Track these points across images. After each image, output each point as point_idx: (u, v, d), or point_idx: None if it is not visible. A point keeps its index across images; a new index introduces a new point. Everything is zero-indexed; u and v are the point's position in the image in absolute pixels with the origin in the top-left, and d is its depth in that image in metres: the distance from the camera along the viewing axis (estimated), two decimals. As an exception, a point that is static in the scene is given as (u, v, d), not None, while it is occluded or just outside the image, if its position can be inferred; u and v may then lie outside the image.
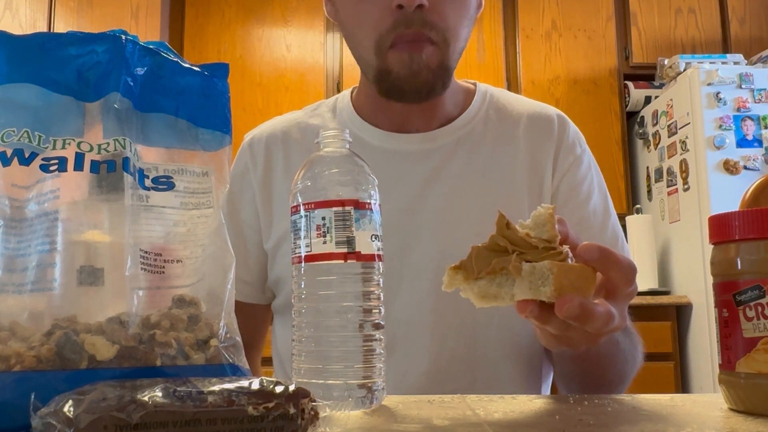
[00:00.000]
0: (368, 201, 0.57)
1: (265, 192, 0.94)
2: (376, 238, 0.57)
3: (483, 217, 0.86)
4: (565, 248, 0.54)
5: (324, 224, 0.56)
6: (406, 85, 0.85)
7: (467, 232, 0.88)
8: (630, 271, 0.56)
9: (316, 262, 0.56)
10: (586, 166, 0.96)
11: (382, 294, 0.58)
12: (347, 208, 0.56)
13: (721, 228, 0.56)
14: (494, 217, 0.74)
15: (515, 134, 0.94)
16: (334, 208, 0.56)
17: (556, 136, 0.95)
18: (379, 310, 0.58)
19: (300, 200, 0.57)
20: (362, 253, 0.56)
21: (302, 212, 0.57)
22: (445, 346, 0.86)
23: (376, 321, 0.57)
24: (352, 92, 1.02)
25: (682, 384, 2.82)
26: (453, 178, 0.91)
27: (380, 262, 0.58)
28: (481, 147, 0.93)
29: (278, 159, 0.95)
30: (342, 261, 0.56)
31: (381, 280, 0.58)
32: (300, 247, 0.57)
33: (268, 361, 0.99)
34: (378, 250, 0.58)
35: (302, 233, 0.57)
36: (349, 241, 0.56)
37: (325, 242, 0.56)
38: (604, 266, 0.54)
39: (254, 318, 0.98)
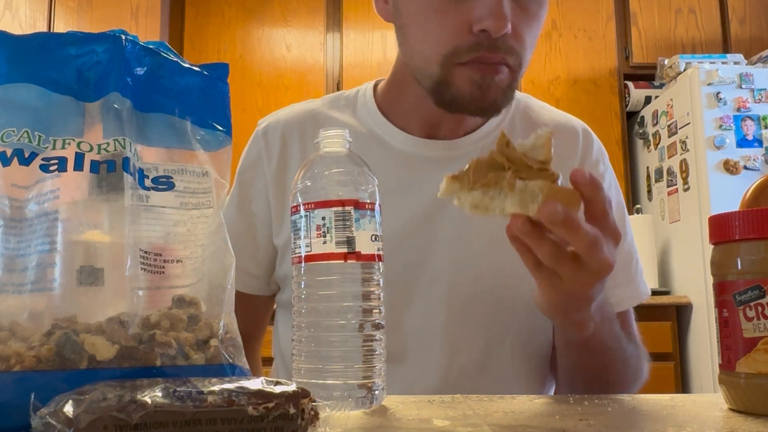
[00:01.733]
0: (368, 201, 0.57)
1: (278, 185, 0.91)
2: (376, 239, 0.57)
3: (500, 231, 0.84)
4: (557, 172, 0.58)
5: (324, 224, 0.56)
6: (470, 102, 0.82)
7: (484, 246, 0.86)
8: (607, 207, 0.61)
9: (316, 262, 0.56)
10: (607, 185, 0.93)
11: (382, 294, 0.58)
12: (347, 208, 0.56)
13: (721, 228, 0.56)
14: None
15: None
16: (334, 208, 0.56)
17: (580, 151, 0.94)
18: (380, 310, 0.58)
19: (300, 200, 0.57)
20: (362, 253, 0.56)
21: (302, 212, 0.57)
22: (456, 360, 0.85)
23: (377, 321, 0.57)
24: (375, 86, 0.97)
25: (682, 384, 2.82)
26: None
27: (380, 263, 0.58)
28: None
29: (294, 151, 0.92)
30: (342, 261, 0.56)
31: (381, 280, 0.58)
32: (300, 247, 0.57)
33: (267, 362, 0.99)
34: (378, 250, 0.58)
35: (302, 233, 0.57)
36: (349, 241, 0.56)
37: (325, 242, 0.56)
38: (589, 191, 0.59)
39: (256, 309, 0.97)
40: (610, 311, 0.79)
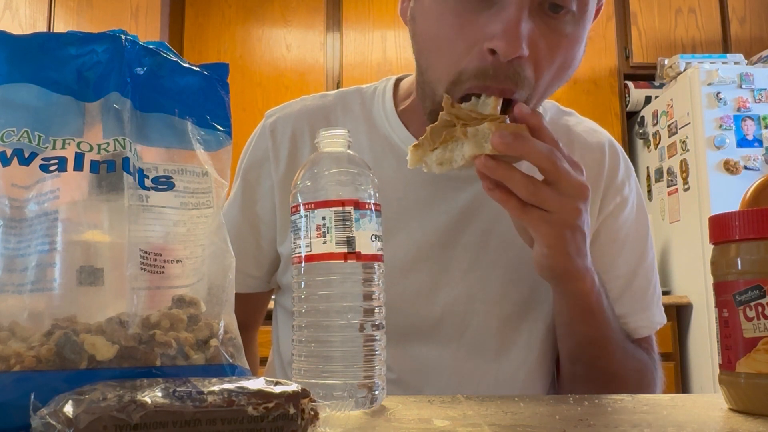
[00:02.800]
0: (368, 201, 0.57)
1: (286, 190, 0.82)
2: (376, 239, 0.57)
3: (518, 262, 0.82)
4: (502, 116, 0.65)
5: (324, 224, 0.56)
6: None
7: (501, 277, 0.83)
8: (554, 137, 0.66)
9: (316, 262, 0.56)
10: (630, 208, 0.90)
11: (382, 295, 0.58)
12: (347, 208, 0.56)
13: (721, 228, 0.56)
14: (531, 262, 0.75)
15: None
16: (334, 208, 0.56)
17: (606, 172, 0.88)
18: (380, 310, 0.58)
19: (300, 200, 0.57)
20: (362, 253, 0.56)
21: (302, 212, 0.57)
22: (465, 392, 0.83)
23: (377, 321, 0.57)
24: (395, 83, 0.89)
25: (682, 384, 2.82)
26: (493, 212, 0.82)
27: (381, 263, 0.58)
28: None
29: (304, 154, 0.86)
30: (342, 261, 0.55)
31: (382, 280, 0.58)
32: (300, 247, 0.57)
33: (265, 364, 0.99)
34: (378, 250, 0.58)
35: (302, 233, 0.57)
36: (349, 241, 0.56)
37: (324, 242, 0.55)
38: (533, 120, 0.64)
39: (255, 303, 0.95)
40: (601, 282, 0.79)
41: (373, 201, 0.58)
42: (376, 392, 0.56)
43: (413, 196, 0.84)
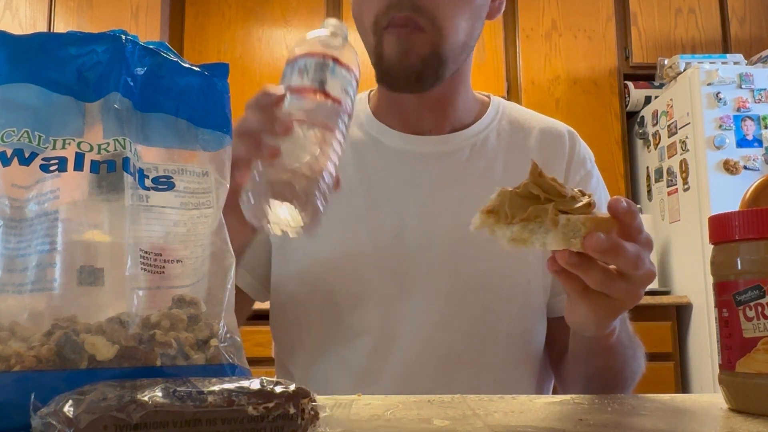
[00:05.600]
0: (348, 64, 0.64)
1: None
2: (347, 93, 0.64)
3: None
4: (593, 197, 0.58)
5: (305, 68, 0.64)
6: (395, 70, 0.85)
7: (480, 241, 0.86)
8: (640, 221, 0.61)
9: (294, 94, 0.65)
10: (595, 182, 0.97)
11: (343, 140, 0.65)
12: (327, 60, 0.63)
13: (721, 228, 0.56)
14: None
15: (528, 146, 0.95)
16: (315, 58, 0.63)
17: (567, 150, 0.97)
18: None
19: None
20: (332, 95, 0.63)
21: (286, 67, 0.66)
22: (453, 349, 0.87)
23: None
24: (369, 94, 1.03)
25: (682, 384, 2.82)
26: (468, 183, 0.92)
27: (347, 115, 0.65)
28: (496, 157, 0.94)
29: None
30: (312, 96, 0.63)
31: (345, 129, 0.66)
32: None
33: (267, 362, 0.99)
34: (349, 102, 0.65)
35: (285, 80, 0.67)
36: (322, 82, 0.63)
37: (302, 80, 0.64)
38: (629, 218, 0.58)
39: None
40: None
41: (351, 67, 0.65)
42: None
43: (391, 175, 0.92)
